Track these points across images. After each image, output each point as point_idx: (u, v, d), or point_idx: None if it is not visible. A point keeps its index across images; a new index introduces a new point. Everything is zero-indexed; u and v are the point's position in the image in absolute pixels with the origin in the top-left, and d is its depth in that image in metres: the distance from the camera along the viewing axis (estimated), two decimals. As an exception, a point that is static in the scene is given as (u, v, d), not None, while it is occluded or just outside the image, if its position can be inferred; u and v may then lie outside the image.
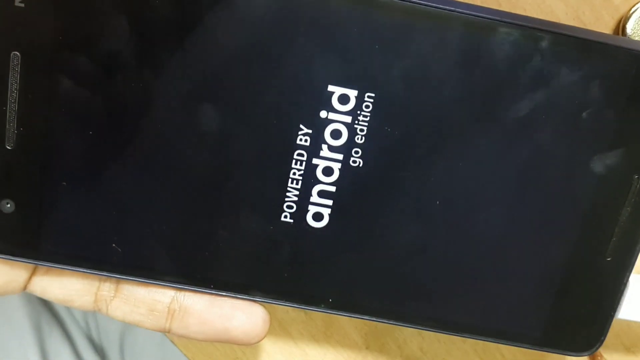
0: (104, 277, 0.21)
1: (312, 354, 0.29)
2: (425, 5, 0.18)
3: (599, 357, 0.27)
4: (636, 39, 0.23)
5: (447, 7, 0.18)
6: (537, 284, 0.21)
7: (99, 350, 0.39)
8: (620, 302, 0.21)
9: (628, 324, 0.27)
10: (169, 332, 0.22)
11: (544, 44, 0.19)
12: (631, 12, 0.23)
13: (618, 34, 0.24)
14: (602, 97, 0.19)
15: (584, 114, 0.19)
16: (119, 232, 0.20)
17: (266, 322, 0.22)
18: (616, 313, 0.21)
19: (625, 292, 0.21)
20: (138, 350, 0.39)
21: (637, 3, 0.23)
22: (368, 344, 0.29)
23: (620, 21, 0.24)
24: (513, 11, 0.24)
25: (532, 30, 0.19)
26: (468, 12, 0.18)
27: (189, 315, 0.22)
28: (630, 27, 0.23)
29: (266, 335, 0.22)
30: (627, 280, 0.21)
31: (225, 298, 0.22)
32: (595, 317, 0.22)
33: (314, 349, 0.29)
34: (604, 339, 0.22)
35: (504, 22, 0.18)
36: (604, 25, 0.24)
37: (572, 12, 0.24)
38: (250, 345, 0.29)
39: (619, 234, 0.20)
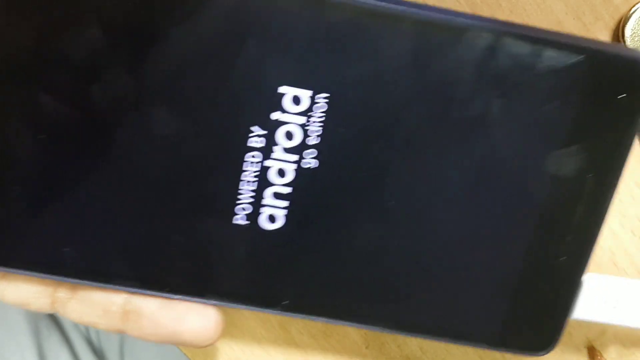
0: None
1: (312, 353, 0.29)
2: (377, 5, 0.18)
3: (599, 357, 0.27)
4: (636, 39, 0.24)
5: (398, 6, 0.18)
6: (491, 284, 0.21)
7: (98, 353, 0.39)
8: (576, 302, 0.21)
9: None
10: (124, 333, 0.22)
11: (496, 41, 0.18)
12: (631, 12, 0.23)
13: (618, 34, 0.24)
14: (556, 96, 0.19)
15: (537, 113, 0.19)
16: (70, 237, 0.20)
17: (219, 325, 0.21)
18: (571, 313, 0.21)
19: (580, 292, 0.21)
20: (138, 352, 0.39)
21: (637, 3, 0.24)
22: (368, 343, 0.29)
23: (620, 21, 0.24)
24: (513, 11, 0.24)
25: (482, 29, 0.18)
26: (420, 11, 0.18)
27: (142, 316, 0.21)
28: (630, 28, 0.23)
29: (219, 338, 0.21)
30: (582, 279, 0.21)
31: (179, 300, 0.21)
32: (550, 317, 0.21)
33: (314, 349, 0.29)
34: (559, 338, 0.21)
35: (457, 21, 0.18)
36: (603, 25, 0.24)
37: (572, 12, 0.24)
38: (202, 348, 0.28)
39: (573, 233, 0.20)
